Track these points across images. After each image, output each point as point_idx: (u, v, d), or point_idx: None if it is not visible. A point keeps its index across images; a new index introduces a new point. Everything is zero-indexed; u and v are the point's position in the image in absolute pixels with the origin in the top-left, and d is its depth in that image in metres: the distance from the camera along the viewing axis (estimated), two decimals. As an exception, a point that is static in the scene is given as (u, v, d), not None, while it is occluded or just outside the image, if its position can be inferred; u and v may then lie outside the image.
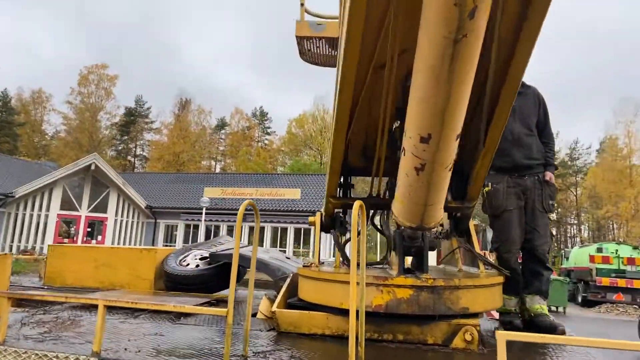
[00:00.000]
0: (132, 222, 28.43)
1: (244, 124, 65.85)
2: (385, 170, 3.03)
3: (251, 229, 28.03)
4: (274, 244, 27.71)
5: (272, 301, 3.58)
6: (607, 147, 54.10)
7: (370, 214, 3.67)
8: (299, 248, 26.76)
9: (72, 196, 25.36)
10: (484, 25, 1.53)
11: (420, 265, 2.74)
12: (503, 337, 1.85)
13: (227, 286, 4.85)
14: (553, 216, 3.72)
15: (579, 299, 22.66)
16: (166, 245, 29.28)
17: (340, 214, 3.59)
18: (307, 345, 2.84)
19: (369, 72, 2.48)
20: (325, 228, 3.55)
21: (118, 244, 26.61)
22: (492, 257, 3.95)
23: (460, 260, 3.47)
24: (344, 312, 2.90)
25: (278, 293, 3.64)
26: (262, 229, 27.99)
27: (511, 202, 3.61)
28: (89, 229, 26.27)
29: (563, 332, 3.39)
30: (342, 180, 3.40)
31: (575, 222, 64.15)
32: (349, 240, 3.53)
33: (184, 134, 59.25)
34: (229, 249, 4.78)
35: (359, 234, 3.84)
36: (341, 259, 3.31)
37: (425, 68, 1.75)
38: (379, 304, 2.67)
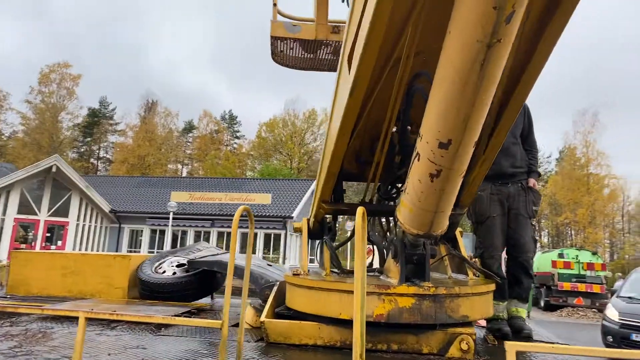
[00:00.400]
0: (95, 226, 27.44)
1: (213, 127, 64.92)
2: (380, 176, 2.99)
3: (220, 234, 27.57)
4: (243, 250, 27.33)
5: (257, 310, 3.46)
6: (566, 156, 56.21)
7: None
8: (269, 254, 26.48)
9: (30, 199, 24.24)
10: (516, 30, 1.51)
11: (421, 273, 2.67)
12: (513, 347, 1.81)
13: (205, 294, 4.69)
14: (534, 222, 3.76)
15: (542, 303, 23.34)
16: (130, 251, 28.39)
17: (328, 221, 3.50)
18: (298, 356, 2.73)
19: (384, 75, 2.41)
20: (313, 234, 3.45)
21: (79, 249, 25.60)
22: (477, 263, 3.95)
23: (449, 268, 3.45)
24: (337, 322, 2.82)
25: (264, 302, 3.52)
26: (230, 234, 27.56)
27: (494, 209, 3.65)
28: (48, 234, 25.17)
29: (528, 335, 3.47)
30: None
31: (537, 228, 66.26)
32: (337, 247, 3.45)
33: (150, 136, 57.84)
34: (207, 256, 4.61)
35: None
36: (331, 266, 3.22)
37: (453, 73, 1.71)
38: (380, 313, 2.60)
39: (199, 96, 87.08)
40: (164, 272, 4.61)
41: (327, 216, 3.42)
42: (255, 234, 26.97)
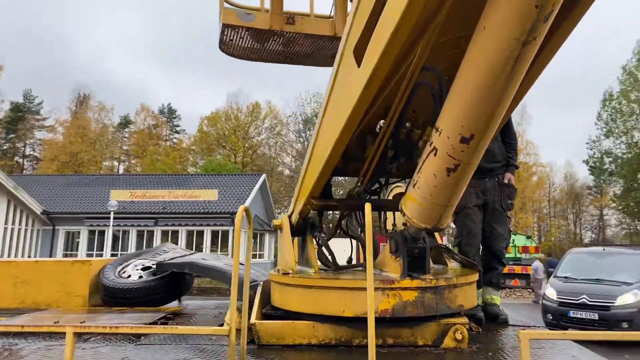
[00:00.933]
0: (26, 229, 25.59)
1: (151, 121, 62.38)
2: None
3: (164, 233, 26.63)
4: (189, 248, 26.58)
5: (239, 311, 3.34)
6: (500, 146, 59.30)
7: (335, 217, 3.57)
8: (217, 251, 25.93)
9: (-51, 203, 22.18)
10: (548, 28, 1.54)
11: (422, 266, 2.70)
12: (526, 336, 1.86)
13: (174, 298, 4.49)
14: (509, 215, 3.93)
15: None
16: (67, 255, 26.77)
17: (312, 216, 3.44)
18: (294, 357, 2.67)
19: (401, 69, 2.37)
20: (296, 231, 3.37)
21: (9, 255, 23.76)
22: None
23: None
24: (331, 320, 2.78)
25: (247, 302, 3.41)
26: (175, 233, 26.72)
27: (471, 200, 3.79)
28: (-29, 240, 23.19)
29: (505, 321, 3.64)
30: None
31: (511, 220, 69.59)
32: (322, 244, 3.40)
33: (83, 132, 54.67)
34: (176, 258, 4.41)
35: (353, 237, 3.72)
36: (319, 263, 3.17)
37: (486, 68, 1.74)
38: (385, 308, 2.59)
39: (135, 90, 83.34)
40: (129, 276, 4.36)
41: (311, 212, 3.37)
42: (202, 231, 26.32)
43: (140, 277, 4.33)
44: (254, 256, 25.85)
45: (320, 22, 5.16)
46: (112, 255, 24.09)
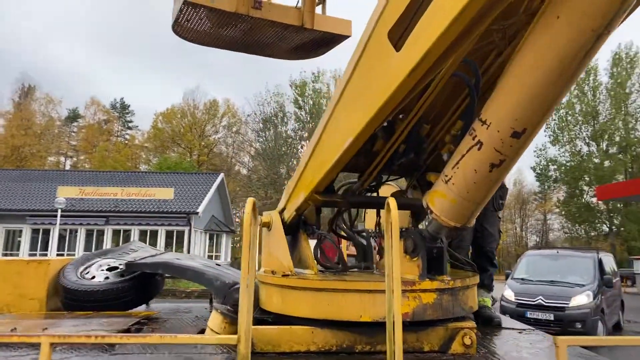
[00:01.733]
0: (-39, 227, 23.77)
1: (102, 116, 59.74)
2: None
3: (115, 232, 25.46)
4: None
5: (225, 316, 3.07)
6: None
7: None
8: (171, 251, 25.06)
9: None
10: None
11: (440, 267, 2.56)
12: (564, 342, 1.73)
13: (144, 301, 4.15)
14: (500, 214, 3.87)
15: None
16: (6, 254, 25.05)
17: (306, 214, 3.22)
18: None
19: (451, 55, 2.18)
20: (289, 229, 3.11)
21: (-59, 254, 21.96)
22: None
23: None
24: (333, 325, 2.58)
25: (232, 306, 3.14)
26: (127, 232, 25.61)
27: None
28: None
29: (499, 324, 3.57)
30: None
31: (502, 220, 71.31)
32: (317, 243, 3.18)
33: (27, 124, 51.55)
34: (147, 257, 4.06)
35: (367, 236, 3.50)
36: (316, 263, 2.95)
37: (554, 61, 1.70)
38: (406, 312, 2.41)
39: (83, 82, 79.51)
40: (93, 277, 3.97)
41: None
42: (156, 231, 25.38)
43: (107, 278, 3.95)
44: (209, 257, 25.17)
45: (289, 10, 4.90)
46: (58, 255, 22.75)
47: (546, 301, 11.68)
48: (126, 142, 59.39)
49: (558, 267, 13.24)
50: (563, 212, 49.50)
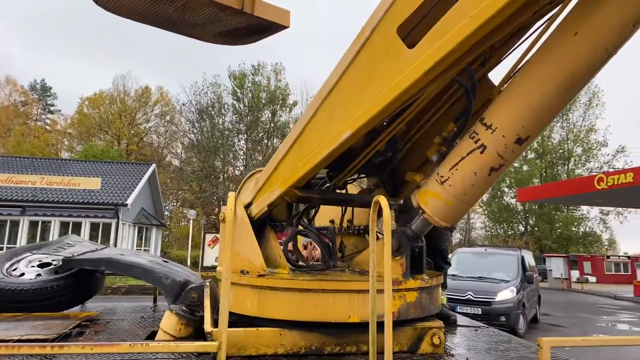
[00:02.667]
0: None
1: (18, 97, 54.87)
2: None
3: (33, 224, 23.53)
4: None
5: (181, 317, 2.86)
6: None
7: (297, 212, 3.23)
8: (97, 245, 23.60)
9: None
10: None
11: (420, 266, 2.56)
12: (548, 343, 1.75)
13: (82, 300, 3.80)
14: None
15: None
16: None
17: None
18: (261, 370, 2.31)
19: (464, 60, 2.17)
20: (258, 223, 2.90)
21: None
22: None
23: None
24: (301, 326, 2.48)
25: (187, 307, 2.93)
26: (46, 224, 23.78)
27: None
28: None
29: (455, 321, 3.66)
30: None
31: None
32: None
33: None
34: (86, 253, 3.71)
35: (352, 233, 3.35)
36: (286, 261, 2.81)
37: (567, 74, 1.81)
38: (392, 311, 2.35)
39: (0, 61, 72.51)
40: (22, 274, 3.56)
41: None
42: (80, 223, 23.80)
43: (39, 275, 3.56)
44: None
45: None
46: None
47: (475, 296, 12.31)
48: (47, 127, 55.07)
49: (486, 264, 14.00)
50: (485, 212, 52.63)
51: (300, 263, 2.99)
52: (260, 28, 4.99)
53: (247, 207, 2.88)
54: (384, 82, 2.12)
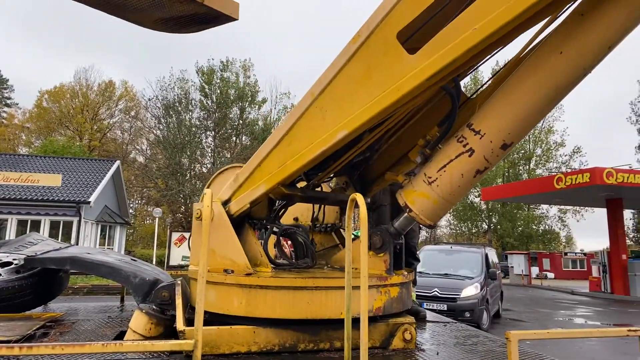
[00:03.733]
0: None
1: (-29, 89, 52.30)
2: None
3: (20, 222, 22.49)
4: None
5: (151, 316, 2.81)
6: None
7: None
8: (57, 244, 22.76)
9: None
10: None
11: (399, 262, 2.67)
12: (516, 336, 1.82)
13: (46, 301, 3.67)
14: None
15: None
16: None
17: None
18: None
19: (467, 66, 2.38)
20: (237, 220, 2.85)
21: None
22: None
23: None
24: (275, 324, 2.48)
25: (158, 305, 2.87)
26: (3, 222, 22.77)
27: (385, 199, 3.83)
28: None
29: (424, 317, 3.75)
30: None
31: None
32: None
33: None
34: (50, 251, 3.58)
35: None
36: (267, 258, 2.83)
37: (550, 89, 2.03)
38: (379, 306, 2.52)
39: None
40: (-19, 274, 3.41)
41: None
42: (39, 221, 22.91)
43: (-2, 275, 3.42)
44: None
45: None
46: None
47: (441, 293, 12.57)
48: (3, 120, 52.64)
49: (451, 262, 14.32)
50: (451, 210, 53.81)
51: (282, 261, 3.00)
52: (207, 18, 4.82)
53: (225, 204, 2.82)
54: (383, 85, 2.19)
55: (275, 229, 3.06)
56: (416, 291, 12.83)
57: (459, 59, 2.01)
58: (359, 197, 1.88)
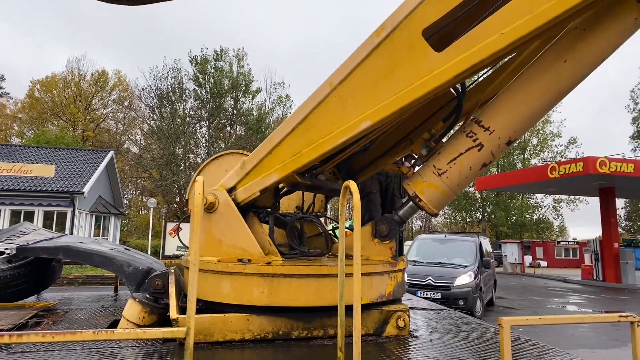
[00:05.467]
0: None
1: (-38, 79, 51.60)
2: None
3: (13, 212, 22.34)
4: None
5: (144, 305, 2.80)
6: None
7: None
8: (51, 234, 22.66)
9: None
10: None
11: (400, 249, 2.75)
12: (508, 323, 1.83)
13: (38, 290, 3.66)
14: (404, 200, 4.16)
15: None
16: None
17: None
18: (227, 356, 2.30)
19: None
20: (243, 208, 2.76)
21: None
22: None
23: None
24: (269, 311, 2.48)
25: (151, 294, 2.87)
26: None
27: (374, 186, 3.90)
28: None
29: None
30: None
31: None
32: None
33: None
34: (42, 241, 3.55)
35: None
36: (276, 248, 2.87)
37: (556, 92, 2.30)
38: (390, 291, 2.66)
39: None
40: (-28, 264, 3.39)
41: None
42: (32, 212, 22.79)
43: (-10, 265, 3.40)
44: (97, 241, 23.16)
45: None
46: None
47: (435, 281, 12.66)
48: (-6, 110, 52.07)
49: (445, 250, 14.40)
50: (445, 200, 53.99)
51: (287, 250, 3.03)
52: None
53: (230, 191, 2.75)
54: (408, 79, 2.27)
55: (286, 218, 3.12)
56: (409, 280, 13.01)
57: (485, 60, 2.15)
58: (353, 185, 1.87)
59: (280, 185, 2.94)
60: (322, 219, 3.86)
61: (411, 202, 2.76)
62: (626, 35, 2.25)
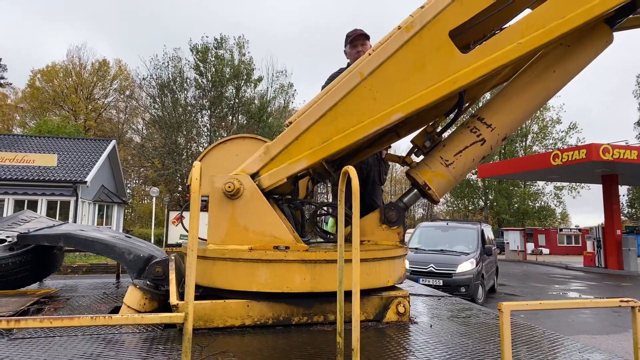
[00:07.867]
0: None
1: (-39, 68, 51.51)
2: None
3: (17, 202, 22.48)
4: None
5: (145, 291, 2.81)
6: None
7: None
8: (55, 224, 22.79)
9: None
10: None
11: (402, 237, 2.88)
12: (508, 308, 1.82)
13: (40, 278, 3.68)
14: (383, 188, 4.23)
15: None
16: None
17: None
18: (227, 342, 2.30)
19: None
20: (266, 195, 2.67)
21: None
22: None
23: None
24: (268, 297, 2.48)
25: (151, 281, 2.88)
26: (-1, 202, 22.75)
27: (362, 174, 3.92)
28: None
29: None
30: None
31: (383, 193, 73.87)
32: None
33: None
34: (43, 229, 3.56)
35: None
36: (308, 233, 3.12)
37: (547, 95, 2.73)
38: (400, 275, 2.81)
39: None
40: (-26, 252, 3.39)
41: None
42: (35, 201, 22.89)
43: (-9, 252, 3.40)
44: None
45: None
46: None
47: (436, 268, 12.71)
48: (-5, 100, 52.04)
49: (447, 238, 14.43)
50: (448, 188, 53.97)
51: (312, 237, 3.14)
52: None
53: (253, 177, 2.66)
54: (438, 75, 2.44)
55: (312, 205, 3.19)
56: (411, 267, 13.04)
57: (505, 65, 2.41)
58: (352, 170, 1.86)
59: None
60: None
61: (416, 190, 2.94)
62: (598, 53, 2.72)
